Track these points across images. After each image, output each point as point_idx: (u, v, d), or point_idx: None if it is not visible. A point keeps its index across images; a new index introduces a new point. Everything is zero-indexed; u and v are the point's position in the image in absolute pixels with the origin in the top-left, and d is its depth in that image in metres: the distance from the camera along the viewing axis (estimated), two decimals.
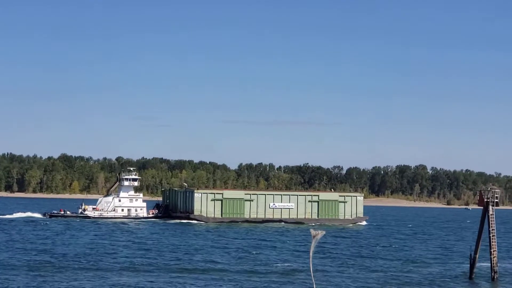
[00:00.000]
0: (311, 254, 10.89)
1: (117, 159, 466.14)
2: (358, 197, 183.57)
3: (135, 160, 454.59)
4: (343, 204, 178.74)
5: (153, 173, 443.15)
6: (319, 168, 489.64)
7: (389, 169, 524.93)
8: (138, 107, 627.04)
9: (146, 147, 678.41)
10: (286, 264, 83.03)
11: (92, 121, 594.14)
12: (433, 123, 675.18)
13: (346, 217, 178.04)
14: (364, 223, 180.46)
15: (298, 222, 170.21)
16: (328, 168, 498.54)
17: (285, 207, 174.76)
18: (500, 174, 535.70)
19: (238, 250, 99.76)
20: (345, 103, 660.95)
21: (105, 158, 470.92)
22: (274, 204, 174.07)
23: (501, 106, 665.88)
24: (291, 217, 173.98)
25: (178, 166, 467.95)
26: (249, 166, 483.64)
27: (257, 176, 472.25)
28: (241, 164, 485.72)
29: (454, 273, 79.46)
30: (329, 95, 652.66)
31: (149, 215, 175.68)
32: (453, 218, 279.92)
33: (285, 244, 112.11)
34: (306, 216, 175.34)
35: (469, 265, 75.88)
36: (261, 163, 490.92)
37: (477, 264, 75.66)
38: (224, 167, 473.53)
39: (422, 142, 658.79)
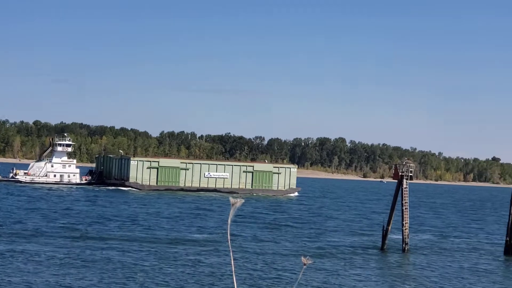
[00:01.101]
0: (229, 222, 11.44)
1: (34, 122, 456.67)
2: (291, 169, 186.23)
3: (53, 125, 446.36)
4: (277, 175, 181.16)
5: (72, 138, 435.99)
6: (241, 138, 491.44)
7: (310, 141, 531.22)
8: (56, 69, 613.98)
9: (65, 112, 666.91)
10: (209, 234, 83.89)
11: (8, 82, 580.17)
12: (353, 98, 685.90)
13: (280, 188, 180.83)
14: (296, 194, 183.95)
15: (232, 191, 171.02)
16: (249, 138, 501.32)
17: (220, 176, 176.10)
18: (415, 149, 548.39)
19: (169, 218, 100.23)
20: (268, 72, 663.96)
21: (22, 121, 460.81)
22: (209, 173, 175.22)
23: (417, 84, 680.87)
24: (225, 186, 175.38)
25: (99, 132, 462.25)
26: (171, 134, 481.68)
27: (178, 144, 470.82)
28: (162, 131, 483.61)
29: (367, 244, 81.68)
30: (253, 64, 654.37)
31: (82, 182, 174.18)
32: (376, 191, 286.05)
33: (214, 213, 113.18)
34: (241, 186, 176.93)
35: (381, 236, 78.33)
36: (183, 131, 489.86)
37: (395, 237, 78.02)
38: (145, 134, 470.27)
39: (342, 115, 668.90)
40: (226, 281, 52.94)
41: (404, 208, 74.35)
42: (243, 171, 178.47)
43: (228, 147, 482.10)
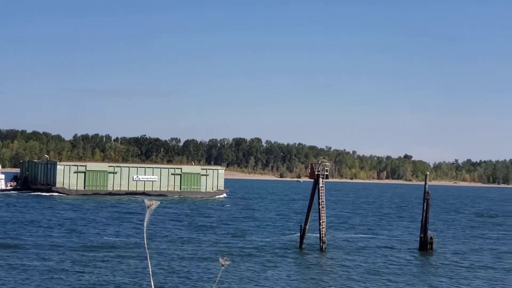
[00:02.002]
0: (145, 224, 11.08)
1: None
2: (219, 170, 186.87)
3: None
4: (204, 177, 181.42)
5: None
6: (157, 140, 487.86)
7: (226, 142, 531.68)
8: None
9: None
10: (129, 238, 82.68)
11: None
12: (266, 97, 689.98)
13: (208, 189, 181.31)
14: (224, 195, 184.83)
15: (161, 194, 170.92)
16: (165, 140, 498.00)
17: (148, 179, 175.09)
18: (330, 148, 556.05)
19: (92, 223, 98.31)
20: (181, 74, 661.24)
21: None
22: (137, 176, 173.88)
23: (329, 83, 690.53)
24: (154, 189, 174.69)
25: (10, 136, 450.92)
26: (85, 137, 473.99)
27: (92, 148, 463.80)
28: (76, 134, 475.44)
29: (286, 244, 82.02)
30: (168, 65, 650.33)
31: (7, 187, 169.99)
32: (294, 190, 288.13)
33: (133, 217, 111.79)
34: (169, 189, 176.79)
35: (299, 236, 78.78)
36: (98, 134, 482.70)
37: (314, 235, 78.55)
38: (58, 138, 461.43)
39: (257, 115, 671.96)
40: (144, 286, 52.14)
41: (320, 207, 74.86)
42: (172, 174, 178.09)
43: (144, 149, 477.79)
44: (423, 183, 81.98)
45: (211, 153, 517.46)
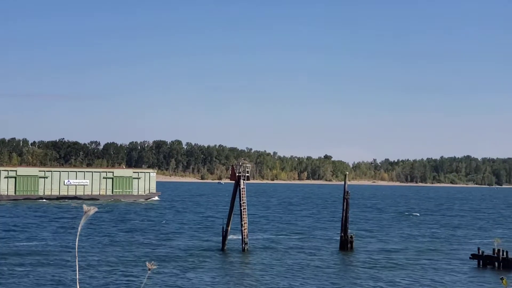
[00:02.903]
0: (79, 229, 10.93)
1: None
2: (151, 174, 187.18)
3: None
4: (136, 180, 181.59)
5: None
6: (76, 143, 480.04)
7: (146, 144, 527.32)
8: None
9: None
10: (52, 243, 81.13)
11: None
12: (186, 99, 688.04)
13: (140, 193, 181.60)
14: (156, 198, 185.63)
15: (93, 198, 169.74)
16: (84, 143, 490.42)
17: (80, 183, 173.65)
18: (251, 149, 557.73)
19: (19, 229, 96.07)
20: (101, 78, 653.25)
21: None
22: (69, 180, 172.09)
23: (245, 86, 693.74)
24: (86, 193, 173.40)
25: None
26: (1, 141, 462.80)
27: (9, 152, 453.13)
28: None
29: (209, 245, 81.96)
30: (84, 68, 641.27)
31: None
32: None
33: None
34: (101, 193, 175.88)
35: (221, 238, 78.83)
36: (14, 138, 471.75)
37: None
38: None
39: (178, 118, 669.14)
40: None
41: (242, 208, 75.12)
42: (103, 177, 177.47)
43: (63, 153, 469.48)
44: (343, 183, 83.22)
45: (132, 156, 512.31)
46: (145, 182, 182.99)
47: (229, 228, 78.12)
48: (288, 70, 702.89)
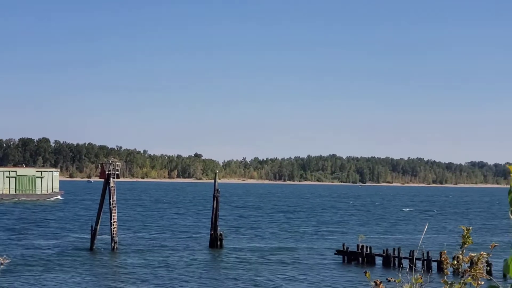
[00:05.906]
0: None
1: None
2: (54, 173, 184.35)
3: None
4: (40, 179, 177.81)
5: None
6: None
7: (12, 142, 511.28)
8: None
9: None
10: None
11: None
12: (55, 96, 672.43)
13: (43, 192, 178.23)
14: (59, 197, 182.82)
15: None
16: None
17: None
18: (121, 147, 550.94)
19: None
20: None
21: None
22: None
23: (120, 82, 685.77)
24: None
25: None
26: None
27: None
28: None
29: (77, 245, 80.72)
30: None
31: None
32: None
33: None
34: (4, 192, 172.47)
35: (90, 237, 77.81)
36: None
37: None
38: None
39: (45, 115, 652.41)
40: None
41: (112, 206, 74.49)
42: (6, 177, 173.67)
43: None
44: (213, 181, 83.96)
45: None
46: (48, 181, 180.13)
47: (98, 226, 77.21)
48: (154, 69, 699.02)
